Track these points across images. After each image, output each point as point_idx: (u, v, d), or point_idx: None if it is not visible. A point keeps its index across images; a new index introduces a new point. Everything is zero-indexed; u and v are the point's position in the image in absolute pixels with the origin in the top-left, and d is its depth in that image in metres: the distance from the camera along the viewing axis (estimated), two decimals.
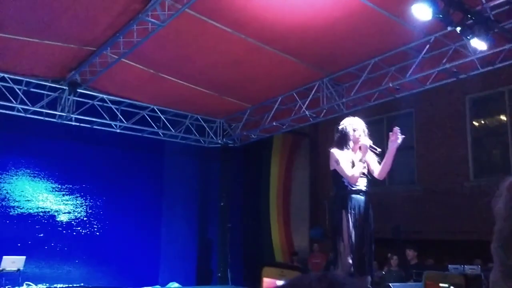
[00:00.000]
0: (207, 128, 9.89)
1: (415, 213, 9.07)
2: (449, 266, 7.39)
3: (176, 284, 8.38)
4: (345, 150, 3.87)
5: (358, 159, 3.81)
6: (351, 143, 3.89)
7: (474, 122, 9.17)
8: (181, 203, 9.91)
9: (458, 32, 5.11)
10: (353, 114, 8.10)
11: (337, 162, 3.82)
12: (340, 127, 3.96)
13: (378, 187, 10.07)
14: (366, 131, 3.95)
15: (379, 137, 10.23)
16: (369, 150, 3.87)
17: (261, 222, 10.75)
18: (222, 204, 10.11)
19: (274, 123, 8.77)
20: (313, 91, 7.78)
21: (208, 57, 7.05)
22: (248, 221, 10.69)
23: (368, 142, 3.82)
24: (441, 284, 4.22)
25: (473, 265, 7.08)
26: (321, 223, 10.20)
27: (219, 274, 9.74)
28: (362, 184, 3.84)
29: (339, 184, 3.84)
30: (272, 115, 8.67)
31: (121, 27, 6.22)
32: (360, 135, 3.88)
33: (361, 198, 3.81)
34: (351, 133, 3.88)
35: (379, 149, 3.83)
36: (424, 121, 9.57)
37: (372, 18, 5.74)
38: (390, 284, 5.08)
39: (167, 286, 8.52)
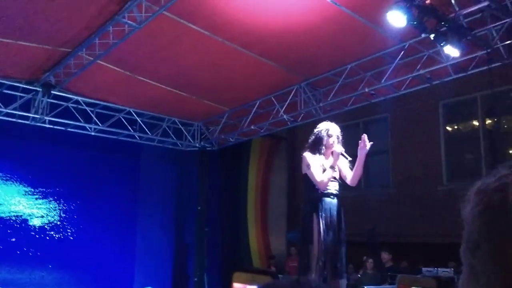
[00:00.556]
0: (185, 131, 9.82)
1: (390, 216, 9.21)
2: (423, 269, 7.54)
3: None
4: (317, 154, 3.91)
5: (329, 165, 3.86)
6: (323, 148, 3.94)
7: (447, 127, 9.39)
8: (158, 207, 9.81)
9: (432, 39, 5.22)
10: (330, 118, 8.22)
11: (308, 166, 3.86)
12: (315, 131, 4.03)
13: (353, 190, 10.18)
14: (340, 137, 4.00)
15: (355, 141, 10.40)
16: (340, 157, 3.93)
17: (238, 226, 10.73)
18: (199, 208, 10.05)
19: (252, 127, 8.78)
20: (291, 95, 7.83)
21: (185, 59, 7.02)
22: (226, 225, 10.67)
23: (340, 149, 3.87)
24: None
25: (447, 268, 7.25)
26: (299, 227, 10.26)
27: (196, 279, 9.66)
28: (333, 187, 3.89)
29: (310, 188, 3.88)
30: (250, 118, 8.68)
31: (97, 29, 6.13)
32: (333, 142, 3.93)
33: (332, 201, 3.84)
34: (325, 138, 3.93)
35: (350, 158, 3.91)
36: (399, 126, 9.75)
37: (348, 24, 5.82)
38: (365, 286, 5.13)
39: None
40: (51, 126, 8.13)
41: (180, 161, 10.33)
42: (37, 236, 8.30)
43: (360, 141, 3.90)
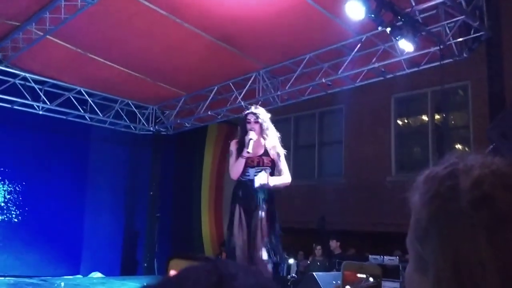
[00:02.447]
0: (139, 115, 9.59)
1: (340, 205, 9.43)
2: (370, 256, 7.79)
3: (99, 274, 8.10)
4: (242, 141, 3.81)
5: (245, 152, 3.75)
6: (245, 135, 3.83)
7: (398, 121, 9.68)
8: (108, 191, 9.55)
9: (388, 32, 5.33)
10: (287, 107, 8.28)
11: (230, 153, 3.84)
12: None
13: (306, 179, 10.40)
14: (266, 123, 3.86)
15: (310, 131, 10.55)
16: (278, 148, 3.86)
17: (191, 212, 10.65)
18: (151, 193, 9.88)
19: (209, 112, 8.69)
20: (249, 82, 7.79)
21: (141, 40, 6.81)
22: (178, 211, 10.56)
23: (249, 137, 3.73)
24: (358, 275, 4.28)
25: (392, 256, 7.53)
26: None
27: (145, 265, 9.53)
28: (252, 174, 3.77)
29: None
30: (207, 104, 8.58)
31: (48, 2, 5.83)
32: (250, 129, 3.80)
33: (251, 188, 3.73)
34: (246, 123, 3.83)
35: (248, 152, 3.71)
36: (353, 118, 9.96)
37: (309, 14, 5.83)
38: (313, 273, 5.24)
39: (89, 275, 8.20)
40: None
41: (133, 144, 10.09)
42: None
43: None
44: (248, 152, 3.70)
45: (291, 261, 6.99)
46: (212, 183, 10.97)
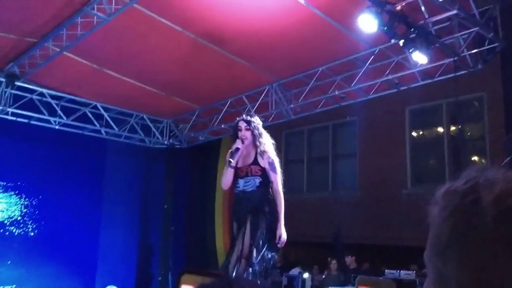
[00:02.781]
0: (153, 128, 9.67)
1: (355, 219, 9.33)
2: (386, 271, 7.67)
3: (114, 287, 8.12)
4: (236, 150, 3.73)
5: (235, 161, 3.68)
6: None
7: (413, 133, 9.60)
8: (123, 205, 9.60)
9: (401, 45, 5.32)
10: (300, 120, 8.26)
11: (227, 163, 3.72)
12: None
13: (320, 192, 10.33)
14: (259, 131, 3.75)
15: (323, 143, 10.50)
16: (270, 153, 3.76)
17: (205, 226, 10.63)
18: (165, 206, 9.91)
19: (222, 126, 8.72)
20: (262, 95, 7.82)
21: (156, 55, 6.90)
22: (192, 225, 10.56)
23: (234, 146, 3.69)
24: None
25: (409, 271, 7.40)
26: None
27: (160, 278, 9.52)
28: (242, 185, 3.69)
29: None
30: (221, 117, 8.62)
31: (65, 19, 5.95)
32: (241, 136, 3.72)
33: (242, 200, 3.67)
34: (237, 131, 3.74)
35: (233, 164, 3.67)
36: (366, 130, 9.90)
37: (321, 27, 5.86)
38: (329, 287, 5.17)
39: None
40: (14, 118, 7.84)
41: (148, 158, 10.16)
42: None
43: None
44: (230, 162, 3.63)
45: (306, 275, 6.90)
46: (225, 196, 10.95)
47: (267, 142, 3.80)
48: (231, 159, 3.67)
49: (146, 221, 10.04)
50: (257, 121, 3.80)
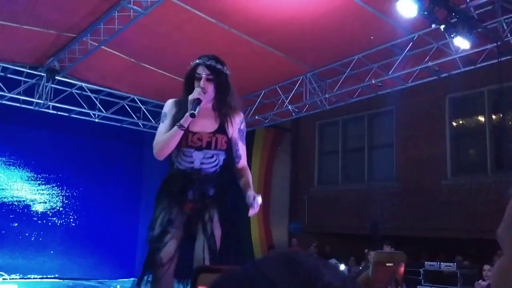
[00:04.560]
0: None
1: (393, 210, 9.17)
2: (426, 263, 7.52)
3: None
4: (185, 104, 2.49)
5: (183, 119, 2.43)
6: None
7: (453, 122, 9.30)
8: None
9: (442, 30, 5.14)
10: (335, 110, 8.14)
11: (161, 118, 2.53)
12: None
13: (357, 183, 10.18)
14: (230, 87, 2.63)
15: (359, 134, 10.34)
16: (235, 121, 2.60)
17: (240, 217, 10.70)
18: None
19: (256, 117, 8.73)
20: (297, 86, 7.76)
21: (190, 47, 6.92)
22: (227, 215, 10.64)
23: (195, 95, 2.47)
24: (387, 264, 4.11)
25: (450, 263, 7.24)
26: (301, 218, 10.23)
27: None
28: (199, 161, 2.48)
29: (168, 158, 2.52)
30: (254, 108, 8.62)
31: (102, 14, 6.07)
32: (201, 87, 2.50)
33: (192, 184, 2.48)
34: (194, 80, 2.53)
35: (193, 115, 2.41)
36: (404, 119, 9.67)
37: (357, 14, 5.73)
38: None
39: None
40: (55, 112, 8.10)
41: None
42: (39, 221, 8.30)
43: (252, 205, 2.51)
44: (193, 116, 2.39)
45: (342, 267, 6.85)
46: (259, 186, 10.99)
47: (239, 102, 2.72)
48: (194, 112, 2.40)
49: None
50: (225, 69, 2.69)
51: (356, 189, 9.96)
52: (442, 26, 4.96)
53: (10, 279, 7.30)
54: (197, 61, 2.63)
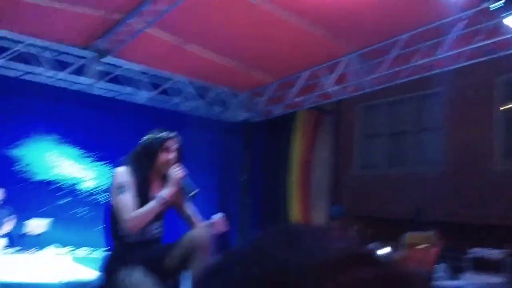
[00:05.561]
0: (230, 102, 9.85)
1: (439, 195, 8.92)
2: (472, 250, 7.32)
3: None
4: (140, 174, 2.53)
5: (161, 194, 2.52)
6: (155, 167, 2.58)
7: (503, 104, 8.89)
8: (201, 177, 9.82)
9: (495, 8, 4.89)
10: (380, 91, 7.97)
11: (119, 189, 2.46)
12: (144, 139, 2.69)
13: (402, 167, 9.96)
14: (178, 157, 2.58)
15: (405, 116, 10.08)
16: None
17: (281, 199, 10.76)
18: (242, 179, 10.13)
19: (298, 99, 8.68)
20: (340, 67, 7.63)
21: (233, 28, 6.96)
22: (269, 197, 10.73)
23: (179, 174, 2.56)
24: (421, 245, 4.06)
25: (496, 250, 7.01)
26: (342, 202, 10.16)
27: None
28: (150, 232, 2.58)
29: (114, 230, 2.53)
30: (296, 90, 8.57)
31: None
32: (171, 159, 2.56)
33: (146, 253, 2.49)
34: (158, 152, 2.58)
35: (197, 189, 2.59)
36: (452, 101, 9.32)
37: None
38: None
39: None
40: (103, 93, 8.37)
41: (225, 132, 10.40)
42: (89, 197, 8.69)
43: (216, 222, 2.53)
44: (195, 192, 2.48)
45: (387, 249, 6.77)
46: (300, 169, 10.99)
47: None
48: (196, 190, 2.53)
49: (224, 193, 10.35)
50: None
51: (401, 173, 9.76)
52: (495, 4, 4.71)
53: (63, 251, 7.68)
54: (165, 134, 2.62)
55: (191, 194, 2.61)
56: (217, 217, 2.72)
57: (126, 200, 2.41)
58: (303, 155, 11.01)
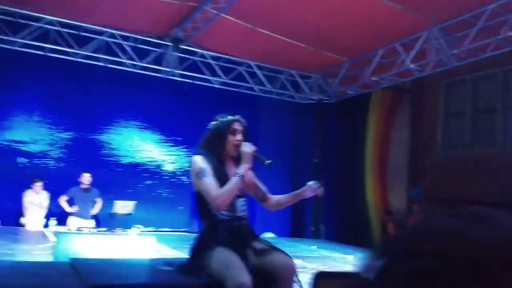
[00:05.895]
0: (302, 84, 9.78)
1: None
2: None
3: (272, 234, 8.66)
4: (215, 158, 2.71)
5: (236, 172, 2.67)
6: (223, 150, 2.76)
7: None
8: (275, 158, 9.92)
9: None
10: (465, 66, 7.48)
11: (199, 174, 2.63)
12: (210, 125, 2.90)
13: (487, 147, 9.32)
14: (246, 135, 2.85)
15: (491, 93, 9.40)
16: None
17: (355, 180, 10.58)
18: (316, 160, 10.07)
19: (373, 78, 8.40)
20: (420, 42, 7.25)
21: (304, 8, 6.85)
22: (343, 178, 10.58)
23: (250, 148, 2.73)
24: None
25: None
26: (422, 184, 9.75)
27: (313, 228, 9.87)
28: (238, 208, 2.69)
29: (205, 211, 2.68)
30: (371, 69, 8.29)
31: None
32: (240, 139, 2.77)
33: (240, 230, 2.66)
34: (226, 134, 2.76)
35: (268, 160, 2.77)
36: None
37: None
38: None
39: (262, 235, 8.82)
40: (180, 79, 8.67)
41: (297, 113, 10.37)
42: (169, 180, 9.12)
43: (312, 188, 2.92)
44: (267, 163, 2.72)
45: None
46: (376, 151, 10.69)
47: None
48: (270, 161, 2.74)
49: (297, 174, 10.38)
50: None
51: (486, 154, 9.15)
52: None
53: (146, 231, 8.16)
54: (231, 118, 2.85)
55: (266, 163, 2.74)
56: (312, 183, 2.94)
57: (209, 181, 2.60)
58: (380, 137, 10.69)
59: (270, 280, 2.48)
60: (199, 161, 2.67)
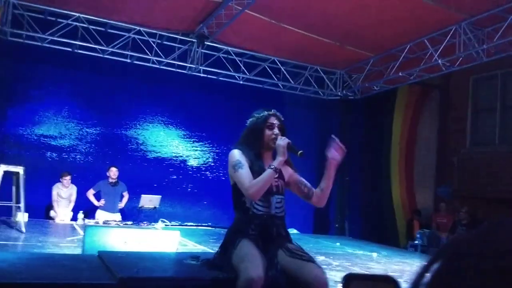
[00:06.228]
0: (327, 80, 9.70)
1: None
2: None
3: (295, 231, 8.63)
4: (252, 153, 2.72)
5: (271, 165, 2.64)
6: (260, 144, 2.76)
7: None
8: None
9: None
10: (494, 62, 7.29)
11: (235, 166, 2.63)
12: (248, 121, 2.89)
13: (487, 146, 9.08)
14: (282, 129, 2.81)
15: None
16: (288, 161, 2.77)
17: (380, 178, 10.45)
18: None
19: (399, 74, 8.26)
20: (448, 37, 7.09)
21: (328, 4, 6.78)
22: (367, 176, 10.47)
23: (285, 141, 2.68)
24: None
25: None
26: (449, 182, 9.56)
27: (337, 225, 9.81)
28: (273, 205, 2.68)
29: (239, 203, 2.68)
30: (398, 64, 8.16)
31: None
32: (277, 134, 2.74)
33: (271, 227, 2.63)
34: (263, 129, 2.75)
35: (301, 150, 2.70)
36: None
37: None
38: None
39: None
40: (205, 75, 8.72)
41: (321, 110, 10.30)
42: (194, 175, 9.21)
43: (332, 146, 2.80)
44: (300, 153, 2.67)
45: None
46: (402, 148, 10.52)
47: None
48: (301, 151, 2.67)
49: (321, 171, 10.28)
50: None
51: (485, 152, 8.94)
52: None
53: (171, 225, 8.27)
54: (267, 113, 2.81)
55: (299, 153, 2.68)
56: (330, 141, 2.83)
57: (244, 173, 2.60)
58: (405, 134, 10.52)
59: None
60: (237, 154, 2.69)
